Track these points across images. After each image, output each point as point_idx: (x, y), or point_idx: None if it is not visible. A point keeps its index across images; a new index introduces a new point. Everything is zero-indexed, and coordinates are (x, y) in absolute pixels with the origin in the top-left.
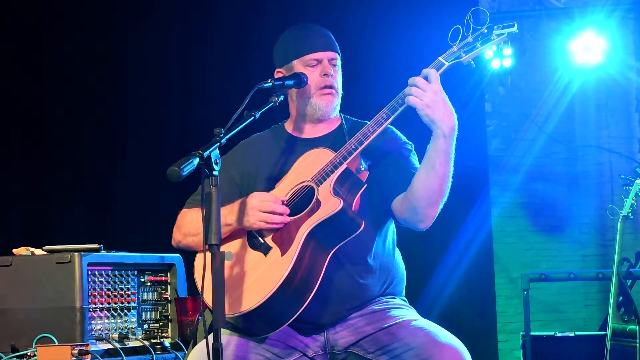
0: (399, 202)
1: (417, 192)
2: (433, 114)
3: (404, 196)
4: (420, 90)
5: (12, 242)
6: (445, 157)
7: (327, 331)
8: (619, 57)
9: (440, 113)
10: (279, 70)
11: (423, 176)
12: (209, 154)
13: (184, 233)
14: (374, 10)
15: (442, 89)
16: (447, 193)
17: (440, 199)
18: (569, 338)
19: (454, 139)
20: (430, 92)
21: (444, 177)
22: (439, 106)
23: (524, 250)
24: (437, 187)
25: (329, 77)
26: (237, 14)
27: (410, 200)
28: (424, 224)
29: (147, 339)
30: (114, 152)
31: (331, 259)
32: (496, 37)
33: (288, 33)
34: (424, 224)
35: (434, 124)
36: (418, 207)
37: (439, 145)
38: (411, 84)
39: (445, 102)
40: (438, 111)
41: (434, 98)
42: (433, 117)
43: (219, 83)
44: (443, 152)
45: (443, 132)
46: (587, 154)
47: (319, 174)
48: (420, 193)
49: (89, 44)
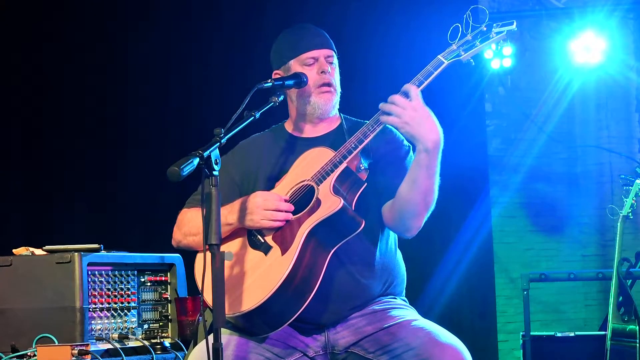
0: (387, 209)
1: (400, 205)
2: (412, 130)
3: (391, 205)
4: (400, 109)
5: (12, 242)
6: (428, 172)
7: (328, 331)
8: (619, 57)
9: (421, 129)
10: (276, 72)
11: (406, 189)
12: (209, 154)
13: (184, 233)
14: (373, 10)
15: (423, 103)
16: (433, 205)
17: (425, 212)
18: (569, 338)
19: (439, 153)
20: (410, 110)
21: (426, 192)
22: (418, 122)
23: (524, 250)
24: (420, 200)
25: (327, 74)
26: (237, 14)
27: (395, 210)
28: (409, 234)
29: (147, 339)
30: (114, 152)
31: (332, 258)
32: (495, 35)
33: (283, 35)
34: (409, 234)
35: (415, 140)
36: (402, 218)
37: (421, 161)
38: (390, 102)
39: (428, 117)
40: (418, 127)
41: (413, 115)
42: (413, 134)
43: (219, 83)
44: (425, 167)
45: (425, 148)
46: (587, 154)
47: (319, 173)
48: (403, 206)
49: (89, 44)
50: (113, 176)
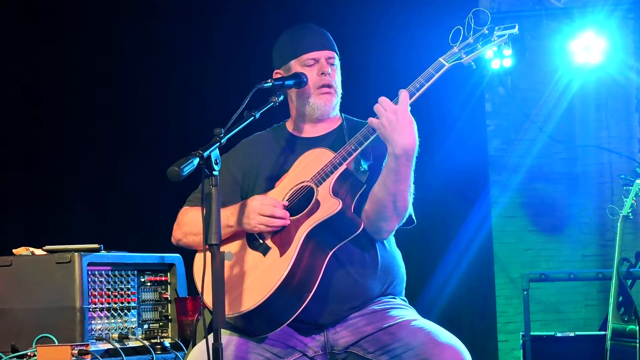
0: (364, 209)
1: (369, 205)
2: (385, 132)
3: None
4: (382, 110)
5: (12, 242)
6: (396, 177)
7: (327, 331)
8: (619, 57)
9: (394, 133)
10: (277, 72)
11: (375, 189)
12: (209, 154)
13: (185, 232)
14: (374, 10)
15: (407, 110)
16: (406, 212)
17: (395, 217)
18: (569, 338)
19: (409, 161)
20: (390, 112)
21: (395, 196)
22: (393, 126)
23: (524, 250)
24: (388, 204)
25: (327, 76)
26: (237, 14)
27: (368, 210)
28: (379, 237)
29: (147, 339)
30: (114, 152)
31: (331, 259)
32: (497, 39)
33: (285, 34)
34: (378, 236)
35: (387, 142)
36: (371, 219)
37: (389, 164)
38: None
39: (405, 123)
40: (392, 131)
41: (390, 118)
42: (386, 136)
43: (219, 83)
44: (393, 172)
45: (394, 152)
46: (587, 154)
47: (319, 174)
48: (372, 207)
49: (89, 44)
50: (113, 176)
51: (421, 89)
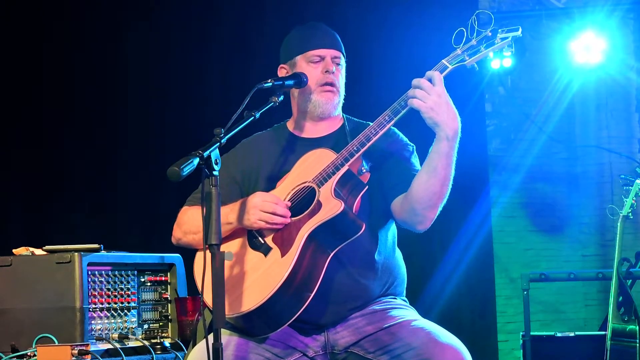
0: (399, 204)
1: (417, 194)
2: (437, 116)
3: (404, 197)
4: (424, 93)
5: (12, 242)
6: (447, 160)
7: (328, 331)
8: (619, 57)
9: (444, 116)
10: (282, 66)
11: (424, 178)
12: (209, 154)
13: (184, 231)
14: (376, 11)
15: (446, 91)
16: (447, 196)
17: (440, 202)
18: (569, 338)
19: (457, 142)
20: (434, 95)
21: (444, 180)
22: (442, 109)
23: (524, 250)
24: (438, 189)
25: (331, 74)
26: (238, 14)
27: (410, 202)
28: (422, 226)
29: (147, 339)
30: (114, 152)
31: (332, 259)
32: (500, 41)
33: (295, 31)
34: (422, 226)
35: (437, 127)
36: (418, 209)
37: (441, 148)
38: (415, 86)
39: (449, 104)
40: (442, 114)
41: (437, 101)
42: (437, 120)
43: (219, 83)
44: (445, 155)
45: (446, 135)
46: (587, 154)
47: (320, 175)
48: (420, 195)
49: (89, 44)
50: (113, 176)
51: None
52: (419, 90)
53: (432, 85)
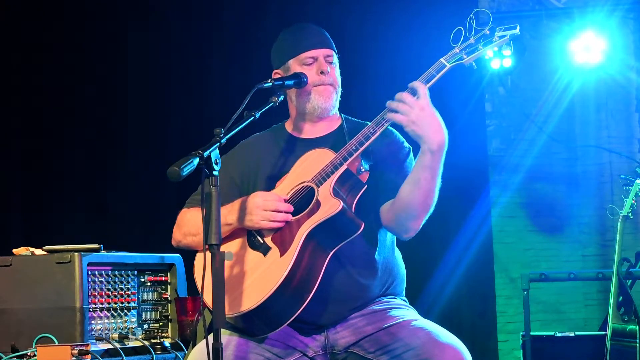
0: (385, 211)
1: (401, 204)
2: (419, 130)
3: (390, 205)
4: (407, 107)
5: (12, 242)
6: (431, 173)
7: (328, 331)
8: (619, 57)
9: (427, 129)
10: (276, 72)
11: (408, 189)
12: (209, 154)
13: (184, 233)
14: (374, 11)
15: (430, 103)
16: (432, 207)
17: (424, 214)
18: (569, 338)
19: (443, 155)
20: (417, 109)
21: (428, 192)
22: (425, 122)
23: (524, 250)
24: (421, 201)
25: (326, 75)
26: (238, 14)
27: (394, 210)
28: (407, 235)
29: (147, 339)
30: (114, 152)
31: (332, 259)
32: (498, 39)
33: (283, 34)
34: (406, 235)
35: (420, 140)
36: (401, 219)
37: (425, 161)
38: (398, 100)
39: (434, 117)
40: (424, 127)
41: (420, 114)
42: (419, 134)
43: (219, 83)
44: (429, 168)
45: (430, 149)
46: (587, 154)
47: (319, 174)
48: (403, 206)
49: (89, 44)
50: (113, 176)
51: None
52: (401, 105)
53: (415, 99)
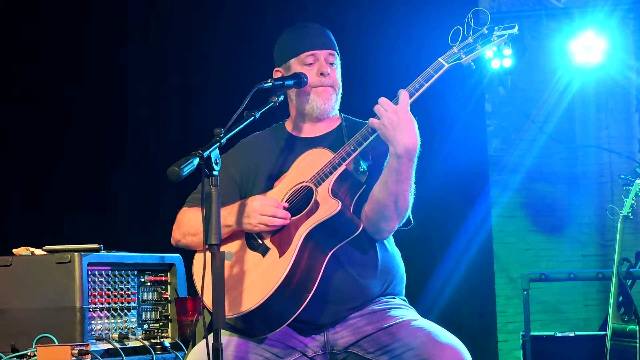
0: (364, 209)
1: (371, 204)
2: (387, 132)
3: (366, 204)
4: (382, 110)
5: (12, 242)
6: (398, 177)
7: (327, 331)
8: (619, 57)
9: (395, 132)
10: (277, 70)
11: (376, 190)
12: (209, 154)
13: (184, 232)
14: (373, 10)
15: (407, 110)
16: (406, 212)
17: (395, 217)
18: (569, 338)
19: (411, 161)
20: (391, 112)
21: (397, 195)
22: (394, 126)
23: (524, 250)
24: (390, 204)
25: (326, 77)
26: (238, 14)
27: (368, 210)
28: (379, 236)
29: (147, 339)
30: (114, 152)
31: (331, 259)
32: (497, 39)
33: (286, 32)
34: (379, 236)
35: (389, 143)
36: (372, 220)
37: (391, 164)
38: (378, 104)
39: (408, 124)
40: (393, 130)
41: (392, 117)
42: (387, 136)
43: (219, 83)
44: (395, 171)
45: (395, 152)
46: (587, 154)
47: (318, 174)
48: (372, 206)
49: (89, 44)
50: (113, 176)
51: (420, 89)
52: (377, 107)
53: (391, 104)
